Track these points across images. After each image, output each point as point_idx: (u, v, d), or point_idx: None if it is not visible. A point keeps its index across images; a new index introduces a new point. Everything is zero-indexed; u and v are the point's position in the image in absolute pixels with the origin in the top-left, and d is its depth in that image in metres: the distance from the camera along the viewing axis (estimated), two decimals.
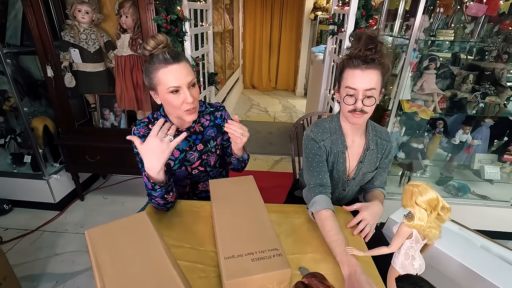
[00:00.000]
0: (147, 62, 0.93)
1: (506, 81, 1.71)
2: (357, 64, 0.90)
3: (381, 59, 0.89)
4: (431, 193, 0.61)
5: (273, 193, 1.38)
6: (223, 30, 3.70)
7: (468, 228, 1.28)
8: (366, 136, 1.06)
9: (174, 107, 0.95)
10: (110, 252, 0.65)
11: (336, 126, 1.06)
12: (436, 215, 0.62)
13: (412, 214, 0.63)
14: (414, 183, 0.63)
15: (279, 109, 4.54)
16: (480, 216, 1.86)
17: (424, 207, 0.61)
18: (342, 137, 1.05)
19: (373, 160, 1.08)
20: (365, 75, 0.90)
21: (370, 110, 0.94)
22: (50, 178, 1.98)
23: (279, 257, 0.69)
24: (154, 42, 0.91)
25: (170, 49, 0.93)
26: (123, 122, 2.02)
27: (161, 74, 0.90)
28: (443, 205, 0.61)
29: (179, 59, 0.92)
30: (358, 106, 0.92)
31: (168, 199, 0.96)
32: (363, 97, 0.91)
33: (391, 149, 1.10)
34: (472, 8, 1.57)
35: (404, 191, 0.64)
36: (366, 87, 0.90)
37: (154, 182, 0.89)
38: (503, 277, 1.00)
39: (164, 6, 1.57)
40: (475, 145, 1.90)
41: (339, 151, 1.05)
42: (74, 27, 1.73)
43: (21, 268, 1.61)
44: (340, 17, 1.98)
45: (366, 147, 1.06)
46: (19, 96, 1.79)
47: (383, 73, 0.92)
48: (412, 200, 0.61)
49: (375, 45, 0.88)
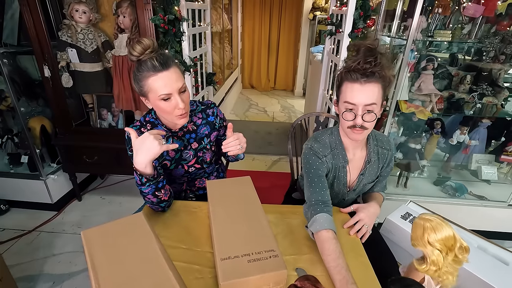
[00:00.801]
0: (136, 68, 0.90)
1: (503, 81, 1.71)
2: (356, 78, 0.85)
3: (382, 71, 0.84)
4: (447, 229, 0.50)
5: (271, 193, 1.38)
6: (222, 30, 3.69)
7: (465, 229, 1.28)
8: (367, 148, 1.04)
9: (166, 113, 0.95)
10: (106, 253, 0.65)
11: (336, 141, 1.02)
12: (453, 256, 0.50)
13: (424, 256, 0.52)
14: (425, 216, 0.52)
15: (277, 109, 4.54)
16: (477, 216, 1.87)
17: (439, 248, 0.50)
18: (343, 152, 1.01)
19: (374, 171, 1.07)
20: (365, 89, 0.85)
21: (371, 126, 0.89)
22: (48, 179, 1.98)
23: (275, 258, 0.69)
24: (140, 48, 0.87)
25: (158, 53, 0.90)
26: (121, 122, 2.01)
27: (151, 82, 0.89)
28: (461, 245, 0.50)
29: (168, 65, 0.90)
30: (358, 122, 0.87)
31: (160, 197, 0.95)
32: (363, 113, 0.86)
33: (392, 157, 1.09)
34: (469, 9, 1.57)
35: (413, 226, 0.54)
36: (366, 102, 0.85)
37: (141, 174, 0.89)
38: (500, 278, 1.00)
39: (162, 6, 1.57)
40: (473, 146, 1.91)
41: (340, 165, 1.02)
42: (72, 27, 1.72)
43: (18, 269, 1.60)
44: (338, 18, 1.98)
45: (367, 159, 1.03)
46: (16, 96, 1.78)
47: (384, 86, 0.87)
48: (424, 239, 0.51)
49: (375, 57, 0.83)
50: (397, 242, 1.24)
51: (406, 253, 1.22)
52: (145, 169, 0.87)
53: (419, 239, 0.51)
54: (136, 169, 0.88)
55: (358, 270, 0.81)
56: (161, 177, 0.95)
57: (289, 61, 5.25)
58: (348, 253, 0.87)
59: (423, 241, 0.50)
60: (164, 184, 0.96)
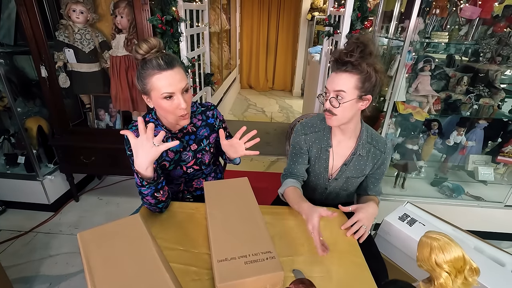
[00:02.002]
0: (140, 66, 0.92)
1: (499, 83, 1.72)
2: (334, 67, 0.94)
3: (357, 63, 0.89)
4: (456, 249, 0.45)
5: (269, 194, 1.38)
6: (220, 30, 3.69)
7: (461, 229, 1.29)
8: (357, 141, 1.06)
9: (168, 112, 0.95)
10: (102, 255, 0.65)
11: (326, 124, 1.08)
12: (463, 279, 0.46)
13: (430, 277, 0.48)
14: (432, 235, 0.47)
15: (276, 109, 4.54)
16: (474, 217, 1.88)
17: (447, 270, 0.45)
18: (328, 135, 1.08)
19: (361, 167, 1.09)
20: (338, 77, 0.93)
21: (340, 113, 0.95)
22: (44, 179, 1.97)
23: (272, 260, 0.69)
24: (147, 46, 0.89)
25: (163, 53, 0.92)
26: (118, 122, 2.01)
27: (155, 80, 0.90)
28: (471, 266, 0.46)
29: (173, 65, 0.91)
30: (326, 105, 0.96)
31: (158, 198, 0.95)
32: (330, 97, 0.95)
33: (385, 161, 1.10)
34: (466, 11, 1.58)
35: (420, 245, 0.49)
36: (335, 88, 0.93)
37: (142, 177, 0.89)
38: (496, 279, 1.00)
39: (160, 7, 1.56)
40: (469, 147, 1.92)
41: (322, 147, 1.09)
42: (69, 27, 1.71)
43: (14, 270, 1.59)
44: (336, 19, 1.98)
45: (354, 151, 1.06)
46: (12, 96, 1.77)
47: (363, 79, 0.91)
48: (431, 259, 0.46)
49: (352, 49, 0.89)
50: (395, 244, 1.25)
51: (403, 255, 1.23)
52: (146, 171, 0.87)
53: (426, 260, 0.47)
54: (137, 171, 0.89)
55: (355, 271, 0.82)
56: (161, 178, 0.95)
57: (287, 61, 5.25)
58: (345, 254, 0.87)
59: (430, 262, 0.46)
60: (163, 185, 0.97)
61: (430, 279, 0.47)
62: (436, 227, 1.23)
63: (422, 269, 0.47)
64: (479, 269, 0.46)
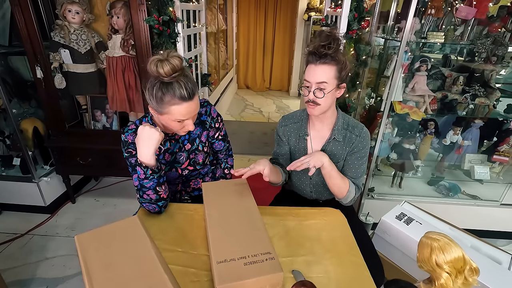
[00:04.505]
0: (158, 87, 0.86)
1: (495, 82, 1.74)
2: (313, 60, 0.98)
3: (335, 55, 0.95)
4: (456, 250, 0.46)
5: (268, 194, 1.38)
6: (217, 30, 3.68)
7: (458, 228, 1.30)
8: (333, 127, 1.11)
9: (171, 128, 0.97)
10: (100, 258, 0.64)
11: (304, 115, 1.16)
12: (463, 279, 0.46)
13: (431, 278, 0.48)
14: (432, 235, 0.48)
15: (273, 109, 4.54)
16: (470, 216, 1.89)
17: (448, 271, 0.45)
18: (305, 124, 1.15)
19: (338, 152, 1.12)
20: (318, 69, 0.97)
21: (323, 102, 1.00)
22: (40, 181, 1.95)
23: (271, 261, 0.69)
24: (169, 68, 0.82)
25: (186, 78, 0.87)
26: (115, 123, 1.99)
27: (174, 108, 0.88)
28: (471, 266, 0.47)
29: (194, 95, 0.90)
30: (310, 97, 1.00)
31: (160, 193, 0.97)
32: (314, 89, 0.99)
33: (359, 144, 1.10)
34: (461, 11, 1.59)
35: (420, 245, 0.50)
36: (318, 80, 0.98)
37: (146, 166, 0.92)
38: (493, 277, 1.01)
39: (156, 7, 1.56)
40: (466, 146, 1.93)
41: (300, 136, 1.16)
42: (64, 28, 1.70)
43: (10, 273, 1.57)
44: (333, 19, 1.99)
45: (330, 136, 1.11)
46: (7, 97, 1.75)
47: (340, 69, 0.98)
48: (431, 260, 0.47)
49: (329, 42, 0.94)
50: (392, 243, 1.26)
51: (400, 253, 1.24)
52: (150, 160, 0.91)
53: (426, 261, 0.47)
54: (141, 162, 0.92)
55: (354, 271, 0.82)
56: (163, 171, 0.98)
57: (284, 61, 5.25)
58: (344, 255, 0.88)
59: (430, 263, 0.47)
60: (165, 180, 0.99)
61: (431, 279, 0.48)
62: (433, 226, 1.24)
63: (423, 269, 0.48)
64: (479, 269, 0.47)
